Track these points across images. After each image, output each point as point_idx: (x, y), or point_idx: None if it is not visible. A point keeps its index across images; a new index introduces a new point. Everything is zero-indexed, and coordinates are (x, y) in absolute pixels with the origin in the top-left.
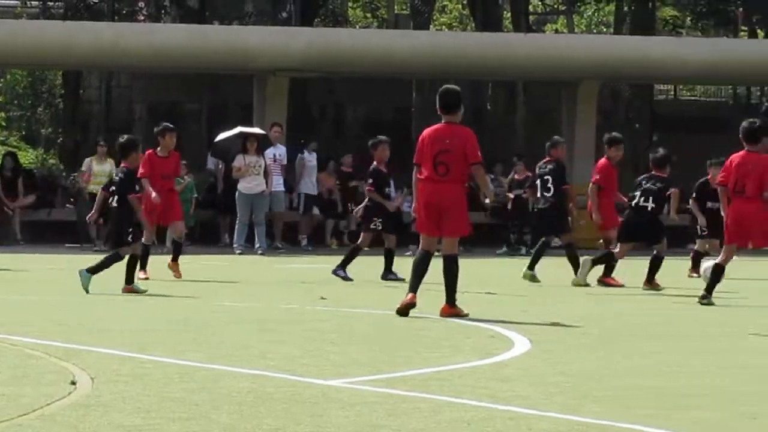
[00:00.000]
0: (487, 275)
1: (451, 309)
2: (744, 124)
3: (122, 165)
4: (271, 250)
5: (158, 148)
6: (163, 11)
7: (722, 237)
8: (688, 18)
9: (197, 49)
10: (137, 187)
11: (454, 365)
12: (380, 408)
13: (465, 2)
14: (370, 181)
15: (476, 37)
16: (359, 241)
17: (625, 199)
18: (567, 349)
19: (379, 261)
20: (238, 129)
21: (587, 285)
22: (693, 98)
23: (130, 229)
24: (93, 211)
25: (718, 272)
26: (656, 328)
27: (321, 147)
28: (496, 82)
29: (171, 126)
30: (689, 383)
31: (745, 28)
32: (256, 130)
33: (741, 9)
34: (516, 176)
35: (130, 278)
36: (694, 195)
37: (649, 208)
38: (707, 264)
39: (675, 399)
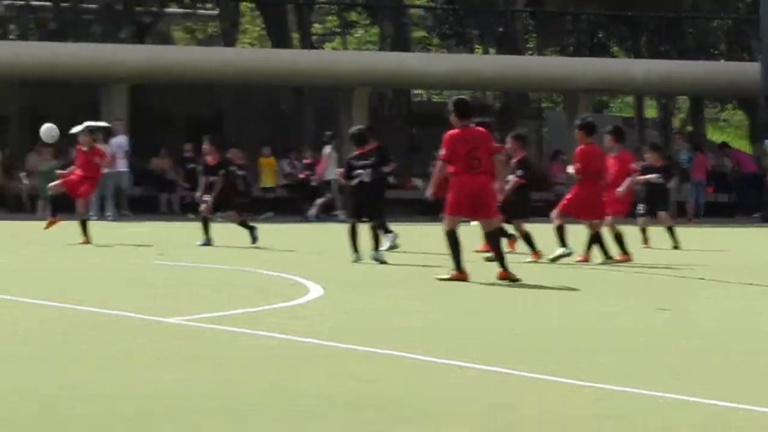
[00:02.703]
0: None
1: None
2: None
3: None
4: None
5: None
6: None
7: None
8: (435, 38)
9: None
10: None
11: (262, 307)
12: (210, 339)
13: (263, 26)
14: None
15: (272, 52)
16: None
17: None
18: (350, 294)
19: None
20: (86, 124)
21: None
22: (442, 100)
23: None
24: None
25: None
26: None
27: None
28: (288, 88)
29: None
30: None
31: (479, 46)
32: (103, 123)
33: (476, 31)
34: (305, 161)
35: None
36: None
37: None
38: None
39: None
